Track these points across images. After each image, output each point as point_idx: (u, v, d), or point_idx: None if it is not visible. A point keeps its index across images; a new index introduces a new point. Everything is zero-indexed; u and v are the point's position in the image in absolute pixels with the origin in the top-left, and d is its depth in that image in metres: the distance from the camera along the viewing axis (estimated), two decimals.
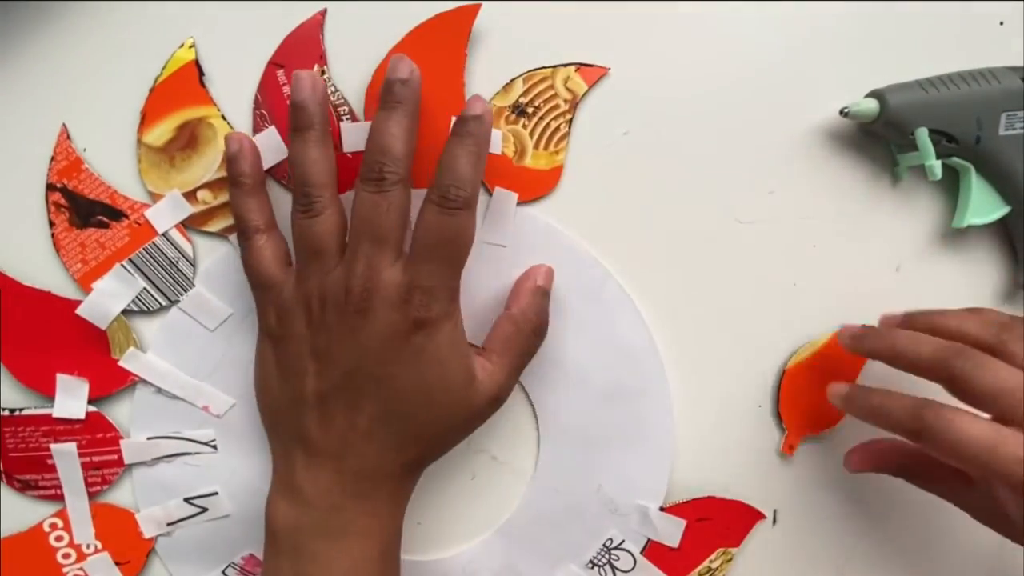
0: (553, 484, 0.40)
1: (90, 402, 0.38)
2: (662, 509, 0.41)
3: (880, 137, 0.39)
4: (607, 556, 0.41)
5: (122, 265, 0.38)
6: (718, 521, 0.41)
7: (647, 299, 0.40)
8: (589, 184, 0.39)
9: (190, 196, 0.38)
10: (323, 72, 0.37)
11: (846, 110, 0.37)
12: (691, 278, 0.40)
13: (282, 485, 0.35)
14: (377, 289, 0.32)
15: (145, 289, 0.38)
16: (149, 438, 0.39)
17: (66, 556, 0.39)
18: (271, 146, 0.37)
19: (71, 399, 0.38)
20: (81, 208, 0.37)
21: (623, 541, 0.41)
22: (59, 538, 0.39)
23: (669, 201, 0.39)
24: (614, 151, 0.38)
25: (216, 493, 0.39)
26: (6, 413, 0.38)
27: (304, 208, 0.33)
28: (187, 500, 0.39)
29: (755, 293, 0.40)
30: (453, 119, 0.35)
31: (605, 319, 0.39)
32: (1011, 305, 0.40)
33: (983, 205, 0.38)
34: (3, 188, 0.38)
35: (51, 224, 0.37)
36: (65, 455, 0.38)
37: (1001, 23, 0.39)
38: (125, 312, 0.38)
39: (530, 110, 0.38)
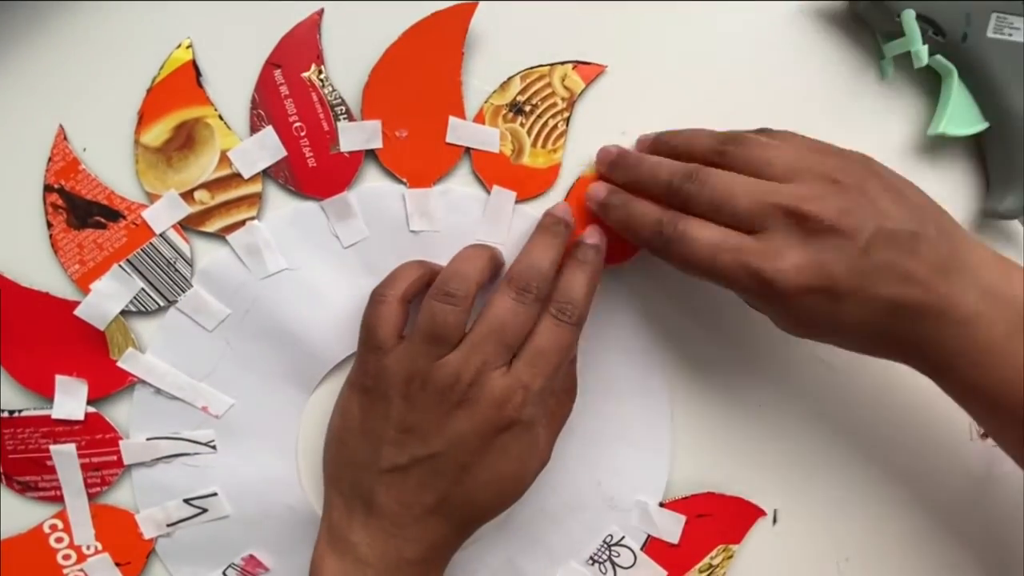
0: (553, 480, 0.40)
1: (89, 403, 0.38)
2: (661, 505, 0.41)
3: (866, 24, 0.38)
4: (607, 552, 0.41)
5: (120, 266, 0.38)
6: (718, 517, 0.41)
7: (646, 296, 0.40)
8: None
9: (187, 196, 0.37)
10: (320, 72, 0.37)
11: None
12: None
13: (334, 539, 0.35)
14: (485, 384, 0.33)
15: (143, 290, 0.38)
16: (148, 439, 0.39)
17: (66, 557, 0.39)
18: (268, 146, 0.37)
19: (70, 400, 0.38)
20: (78, 209, 0.37)
21: (623, 537, 0.41)
22: (59, 539, 0.39)
23: None
24: None
25: (215, 494, 0.39)
26: (5, 415, 0.38)
27: (449, 293, 0.34)
28: (186, 501, 0.39)
29: None
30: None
31: (604, 316, 0.39)
32: (979, 232, 0.40)
33: (961, 116, 0.37)
34: (1, 189, 0.38)
35: (49, 225, 0.37)
36: (64, 456, 0.38)
37: None
38: (123, 313, 0.38)
39: (528, 108, 0.38)
